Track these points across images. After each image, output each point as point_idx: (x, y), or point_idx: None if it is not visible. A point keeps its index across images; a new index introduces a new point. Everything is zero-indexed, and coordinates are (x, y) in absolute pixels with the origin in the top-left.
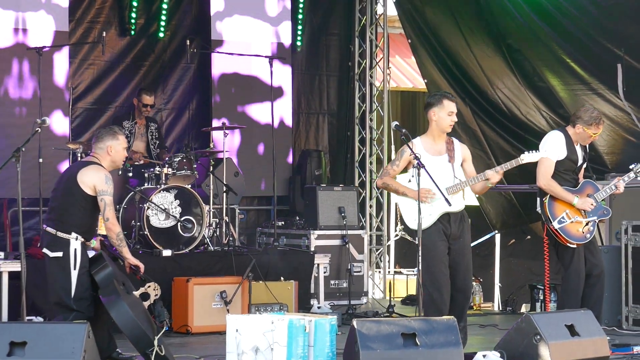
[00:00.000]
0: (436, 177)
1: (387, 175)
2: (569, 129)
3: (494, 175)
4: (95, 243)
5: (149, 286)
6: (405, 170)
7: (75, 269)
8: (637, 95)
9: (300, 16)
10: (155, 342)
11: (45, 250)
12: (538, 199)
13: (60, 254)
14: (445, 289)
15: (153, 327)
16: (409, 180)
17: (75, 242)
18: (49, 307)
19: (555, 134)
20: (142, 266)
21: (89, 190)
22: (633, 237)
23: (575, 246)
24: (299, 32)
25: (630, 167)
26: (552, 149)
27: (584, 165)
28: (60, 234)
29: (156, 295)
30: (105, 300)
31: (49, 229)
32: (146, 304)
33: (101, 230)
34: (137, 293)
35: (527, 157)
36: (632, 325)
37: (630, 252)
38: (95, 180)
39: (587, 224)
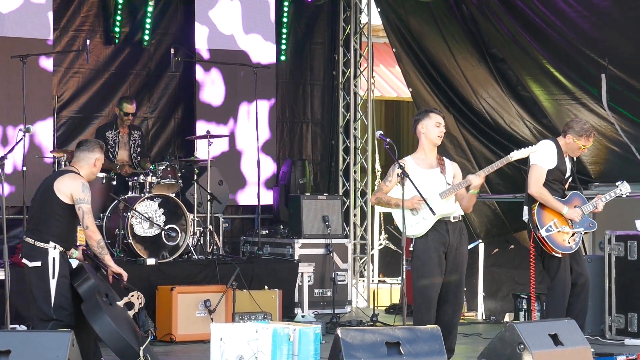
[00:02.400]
0: (429, 188)
1: (380, 192)
2: (560, 139)
3: (475, 178)
4: (77, 253)
5: (132, 295)
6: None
7: (54, 277)
8: (621, 105)
9: (284, 25)
10: (141, 353)
11: (24, 260)
12: (525, 207)
13: (38, 263)
14: (434, 302)
15: (138, 337)
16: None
17: (53, 251)
18: (31, 317)
19: (547, 143)
20: (125, 274)
21: (66, 199)
22: (616, 247)
23: (560, 255)
24: (284, 41)
25: (617, 184)
26: (543, 157)
27: (570, 178)
28: (38, 244)
29: (140, 304)
30: (88, 313)
31: (27, 239)
32: (131, 313)
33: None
34: (121, 303)
35: (516, 154)
36: (615, 335)
37: (614, 261)
38: (72, 189)
39: (573, 234)
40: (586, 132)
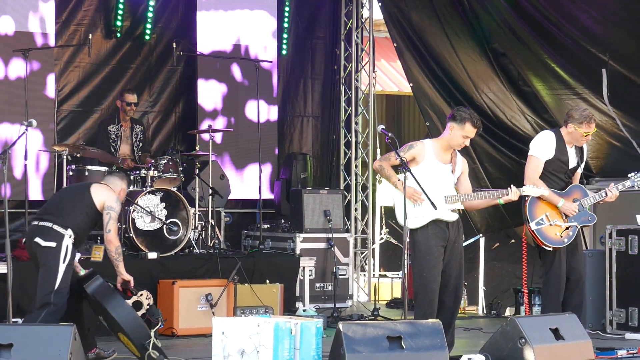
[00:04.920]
0: (439, 184)
1: (387, 161)
2: (562, 129)
3: (516, 193)
4: (99, 253)
5: (141, 294)
6: (396, 170)
7: (64, 262)
8: (622, 100)
9: (286, 19)
10: (152, 334)
11: (37, 239)
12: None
13: (53, 244)
14: (435, 295)
15: (146, 328)
16: (398, 180)
17: (68, 239)
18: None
19: (546, 133)
20: (132, 280)
21: (98, 203)
22: (617, 242)
23: (551, 249)
24: (285, 36)
25: (630, 175)
26: (540, 148)
27: (578, 169)
28: (56, 227)
29: (149, 304)
30: (103, 299)
31: (44, 222)
32: (139, 313)
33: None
34: (129, 302)
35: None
36: (616, 329)
37: (615, 256)
38: (106, 198)
39: (567, 228)
40: (586, 118)
